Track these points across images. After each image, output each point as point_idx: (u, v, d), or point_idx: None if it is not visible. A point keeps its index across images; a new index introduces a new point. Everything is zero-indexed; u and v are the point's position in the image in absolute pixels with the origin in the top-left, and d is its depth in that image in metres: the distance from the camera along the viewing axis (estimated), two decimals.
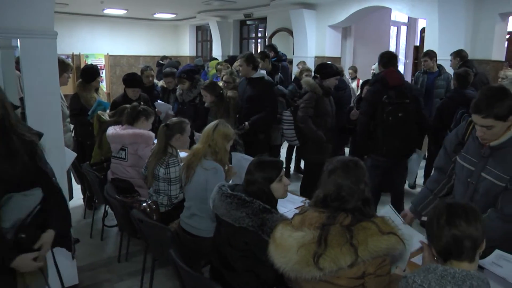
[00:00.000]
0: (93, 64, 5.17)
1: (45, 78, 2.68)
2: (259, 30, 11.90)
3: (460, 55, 5.45)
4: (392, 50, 11.42)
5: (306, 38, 9.15)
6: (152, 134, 3.56)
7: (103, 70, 12.27)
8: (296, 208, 2.91)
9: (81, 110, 4.49)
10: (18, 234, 1.81)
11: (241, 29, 12.16)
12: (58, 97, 2.79)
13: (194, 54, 13.95)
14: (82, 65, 10.26)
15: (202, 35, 13.91)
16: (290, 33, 9.75)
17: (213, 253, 2.24)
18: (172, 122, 3.19)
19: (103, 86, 12.01)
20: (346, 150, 5.73)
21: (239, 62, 4.54)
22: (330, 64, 4.42)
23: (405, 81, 3.84)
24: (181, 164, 3.03)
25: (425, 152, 5.14)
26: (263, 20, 11.03)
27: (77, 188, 4.60)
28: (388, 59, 3.97)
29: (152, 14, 11.88)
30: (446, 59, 5.77)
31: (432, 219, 1.50)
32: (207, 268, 2.47)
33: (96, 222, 4.19)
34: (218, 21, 11.52)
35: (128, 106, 3.84)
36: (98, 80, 4.82)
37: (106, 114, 4.09)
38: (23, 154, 1.81)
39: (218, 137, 2.77)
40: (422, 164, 5.80)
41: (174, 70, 5.66)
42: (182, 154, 3.84)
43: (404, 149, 3.79)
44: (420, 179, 5.58)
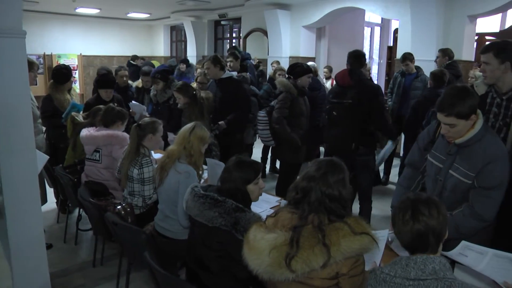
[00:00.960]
0: (65, 64, 5.06)
1: (14, 79, 2.61)
2: (234, 30, 11.91)
3: (448, 55, 5.53)
4: (366, 50, 11.60)
5: (280, 38, 9.20)
6: (126, 135, 3.52)
7: (76, 70, 12.07)
8: (271, 208, 2.93)
9: (53, 112, 4.40)
10: None
11: (215, 29, 12.14)
12: (28, 98, 2.71)
13: (169, 54, 13.86)
14: (54, 65, 10.03)
15: (177, 35, 13.82)
16: (265, 33, 9.78)
17: (188, 254, 2.23)
18: (144, 122, 3.16)
19: (76, 87, 11.81)
20: (321, 149, 5.78)
21: (206, 65, 4.52)
22: (300, 63, 4.42)
23: (361, 82, 3.82)
24: (154, 164, 3.01)
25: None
26: (238, 20, 11.03)
27: (50, 191, 4.50)
28: (354, 58, 3.98)
29: (125, 13, 11.73)
30: (419, 59, 5.90)
31: (397, 214, 1.54)
32: (184, 270, 2.46)
33: (70, 226, 4.10)
34: (193, 21, 11.47)
35: (102, 107, 3.78)
36: (71, 81, 4.72)
37: (80, 116, 4.02)
38: None
39: (194, 139, 2.76)
40: (397, 162, 5.92)
41: (152, 69, 5.60)
42: (157, 156, 3.81)
43: (340, 147, 3.84)
44: (394, 177, 5.68)
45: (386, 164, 5.78)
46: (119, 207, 2.95)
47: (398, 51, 7.18)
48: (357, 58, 3.97)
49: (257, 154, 6.04)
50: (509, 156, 2.21)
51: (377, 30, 12.17)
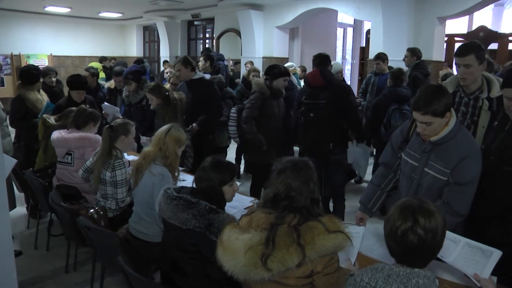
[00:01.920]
0: (34, 64, 4.92)
1: None
2: (207, 30, 11.88)
3: (416, 54, 5.61)
4: (339, 50, 11.75)
5: (253, 39, 9.23)
6: (99, 138, 3.44)
7: None
8: (245, 208, 2.93)
9: (26, 114, 4.27)
10: None
11: (188, 29, 12.08)
12: None
13: (142, 55, 13.71)
14: (23, 65, 9.79)
15: (150, 36, 13.68)
16: (238, 33, 9.79)
17: (162, 257, 2.21)
18: (116, 123, 3.10)
19: None
20: (295, 149, 5.80)
21: (177, 67, 4.47)
22: (278, 65, 4.45)
23: (332, 82, 3.88)
24: (128, 167, 2.96)
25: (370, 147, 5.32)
26: (211, 20, 11.01)
27: (20, 196, 4.37)
28: (320, 59, 4.03)
29: (97, 13, 11.53)
30: (391, 60, 5.99)
31: (390, 229, 1.47)
32: (158, 273, 2.43)
33: (41, 232, 3.98)
34: (166, 21, 11.38)
35: (74, 109, 3.70)
36: (41, 81, 4.60)
37: (52, 118, 3.91)
38: None
39: (170, 141, 2.72)
40: (371, 160, 6.01)
41: (124, 69, 5.51)
42: (131, 158, 3.76)
43: (317, 148, 3.88)
44: (368, 176, 5.75)
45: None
46: (92, 211, 2.89)
47: (371, 52, 7.31)
48: (323, 59, 4.04)
49: (231, 154, 6.02)
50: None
51: (349, 31, 12.34)
